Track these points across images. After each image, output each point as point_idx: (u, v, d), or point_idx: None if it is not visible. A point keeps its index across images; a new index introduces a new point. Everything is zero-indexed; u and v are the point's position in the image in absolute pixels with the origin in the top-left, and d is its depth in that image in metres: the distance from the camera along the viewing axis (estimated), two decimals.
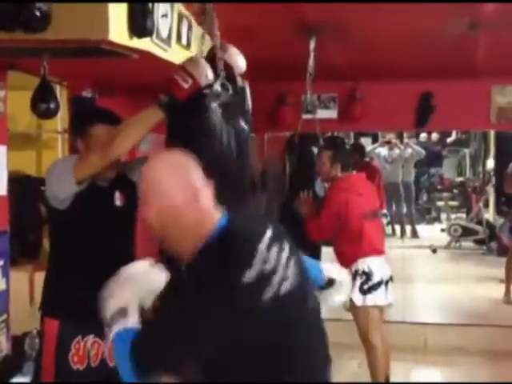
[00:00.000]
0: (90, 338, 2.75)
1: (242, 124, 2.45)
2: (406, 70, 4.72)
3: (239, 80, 2.48)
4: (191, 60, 2.49)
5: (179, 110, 2.40)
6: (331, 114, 5.33)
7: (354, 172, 4.36)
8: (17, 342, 4.15)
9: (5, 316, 3.90)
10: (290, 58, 3.30)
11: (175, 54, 3.40)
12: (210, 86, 2.39)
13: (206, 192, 1.79)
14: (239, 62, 2.45)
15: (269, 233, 1.75)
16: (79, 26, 2.65)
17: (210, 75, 2.37)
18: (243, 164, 2.44)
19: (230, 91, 2.44)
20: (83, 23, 2.64)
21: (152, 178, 1.80)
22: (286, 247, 1.78)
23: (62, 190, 2.63)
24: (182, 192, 1.75)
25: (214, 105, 2.38)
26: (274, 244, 1.74)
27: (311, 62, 3.73)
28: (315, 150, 4.63)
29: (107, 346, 2.71)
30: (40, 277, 5.07)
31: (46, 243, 5.46)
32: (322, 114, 4.99)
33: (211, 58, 2.49)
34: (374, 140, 12.57)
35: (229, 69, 2.45)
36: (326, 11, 3.14)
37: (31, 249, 5.40)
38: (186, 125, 2.42)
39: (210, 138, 2.38)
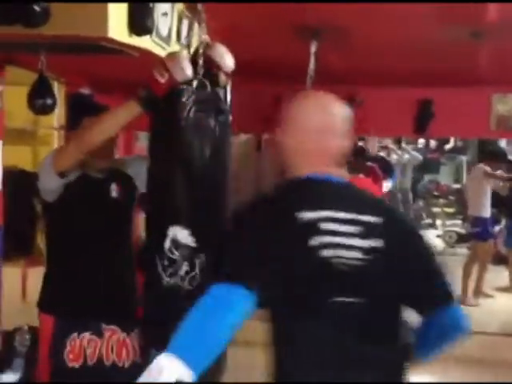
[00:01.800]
0: (87, 336, 2.72)
1: (216, 123, 2.46)
2: (406, 76, 4.70)
3: (222, 78, 2.48)
4: (171, 55, 2.50)
5: (157, 104, 2.46)
6: None
7: (361, 175, 4.33)
8: (7, 337, 4.13)
9: None
10: (289, 60, 3.29)
11: None
12: (189, 82, 2.39)
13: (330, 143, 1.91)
14: (227, 60, 2.45)
15: None
16: (78, 22, 2.63)
17: (189, 72, 2.38)
18: (215, 162, 2.48)
19: (208, 89, 2.44)
20: (83, 19, 2.62)
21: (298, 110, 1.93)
22: None
23: (46, 183, 2.65)
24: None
25: (190, 101, 2.40)
26: None
27: (312, 65, 3.71)
28: None
29: (104, 344, 2.71)
30: (33, 272, 5.07)
31: (40, 238, 5.44)
32: None
33: (195, 55, 2.49)
34: None
35: (214, 67, 2.44)
36: (328, 14, 3.13)
37: (25, 244, 5.38)
38: (162, 119, 2.48)
39: (184, 135, 2.42)
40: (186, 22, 3.44)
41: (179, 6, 3.34)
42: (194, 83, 2.42)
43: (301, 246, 1.79)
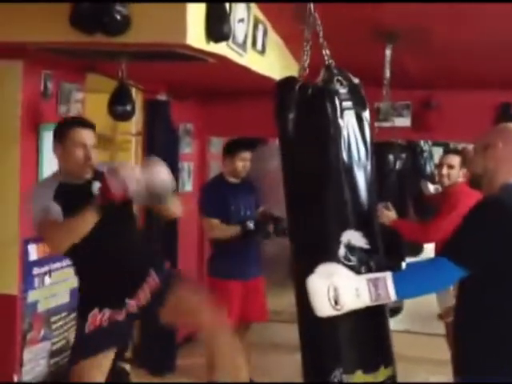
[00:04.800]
0: (107, 312, 2.88)
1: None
2: (484, 79, 4.59)
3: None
4: (124, 166, 2.67)
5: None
6: (405, 122, 5.24)
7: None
8: None
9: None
10: (363, 63, 3.25)
11: (250, 59, 3.41)
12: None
13: None
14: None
15: None
16: (158, 30, 2.68)
17: (135, 185, 2.57)
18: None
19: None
20: (162, 27, 2.67)
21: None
22: None
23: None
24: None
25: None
26: None
27: (387, 69, 3.67)
28: (391, 157, 4.54)
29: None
30: None
31: None
32: (395, 121, 4.91)
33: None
34: (446, 151, 12.31)
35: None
36: (406, 17, 3.08)
37: None
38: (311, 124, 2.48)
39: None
40: (261, 28, 3.46)
41: (255, 12, 3.36)
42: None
43: None
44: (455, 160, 4.09)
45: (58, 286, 3.77)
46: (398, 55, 3.73)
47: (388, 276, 2.18)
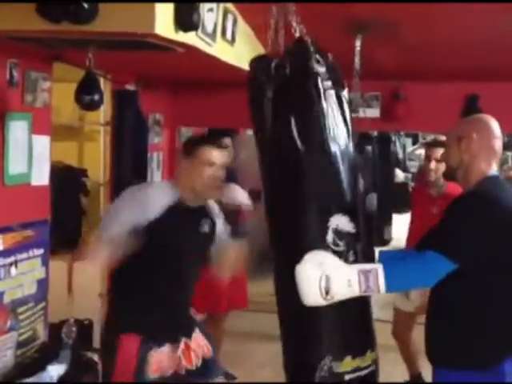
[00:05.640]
0: (165, 350, 2.77)
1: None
2: (452, 71, 4.63)
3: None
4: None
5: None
6: (374, 112, 5.27)
7: None
8: (54, 329, 4.20)
9: (43, 304, 3.96)
10: (332, 53, 3.26)
11: (220, 49, 3.39)
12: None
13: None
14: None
15: None
16: (126, 18, 2.65)
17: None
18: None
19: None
20: (130, 16, 2.65)
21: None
22: None
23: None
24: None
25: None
26: None
27: (357, 60, 3.68)
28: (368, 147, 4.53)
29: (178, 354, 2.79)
30: (78, 266, 5.14)
31: (85, 233, 5.52)
32: (365, 112, 4.94)
33: None
34: (414, 141, 12.43)
35: None
36: (375, 8, 3.09)
37: (70, 239, 5.45)
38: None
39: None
40: (231, 18, 3.44)
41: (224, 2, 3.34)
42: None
43: None
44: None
45: (24, 276, 3.74)
46: (367, 46, 3.74)
47: (379, 268, 2.17)
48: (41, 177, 3.89)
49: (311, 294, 2.16)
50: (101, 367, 2.95)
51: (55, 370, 3.63)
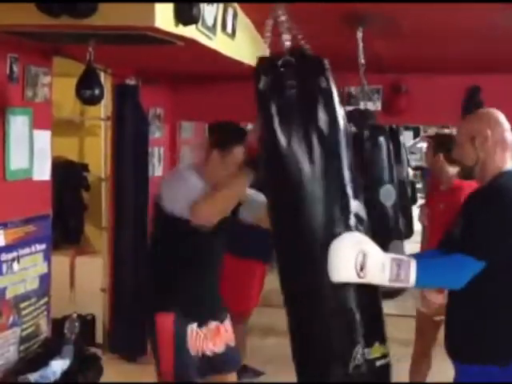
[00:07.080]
0: (195, 328, 2.97)
1: None
2: (453, 63, 4.62)
3: None
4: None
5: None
6: (375, 106, 5.26)
7: None
8: (57, 324, 4.21)
9: (46, 299, 3.96)
10: (333, 47, 3.24)
11: (220, 43, 3.38)
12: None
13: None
14: None
15: None
16: (126, 12, 2.64)
17: None
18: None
19: None
20: (130, 10, 2.63)
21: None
22: None
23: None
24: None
25: None
26: None
27: (361, 52, 3.65)
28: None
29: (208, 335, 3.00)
30: (80, 261, 5.15)
31: (87, 228, 5.52)
32: (367, 106, 4.92)
33: None
34: (416, 134, 12.41)
35: None
36: (376, 1, 3.08)
37: (72, 233, 5.46)
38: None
39: None
40: (231, 12, 3.43)
41: None
42: None
43: None
44: None
45: (26, 271, 3.74)
46: (368, 39, 3.73)
47: (412, 261, 2.18)
48: (42, 172, 3.89)
49: (346, 267, 2.13)
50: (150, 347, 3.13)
51: (58, 365, 3.64)
